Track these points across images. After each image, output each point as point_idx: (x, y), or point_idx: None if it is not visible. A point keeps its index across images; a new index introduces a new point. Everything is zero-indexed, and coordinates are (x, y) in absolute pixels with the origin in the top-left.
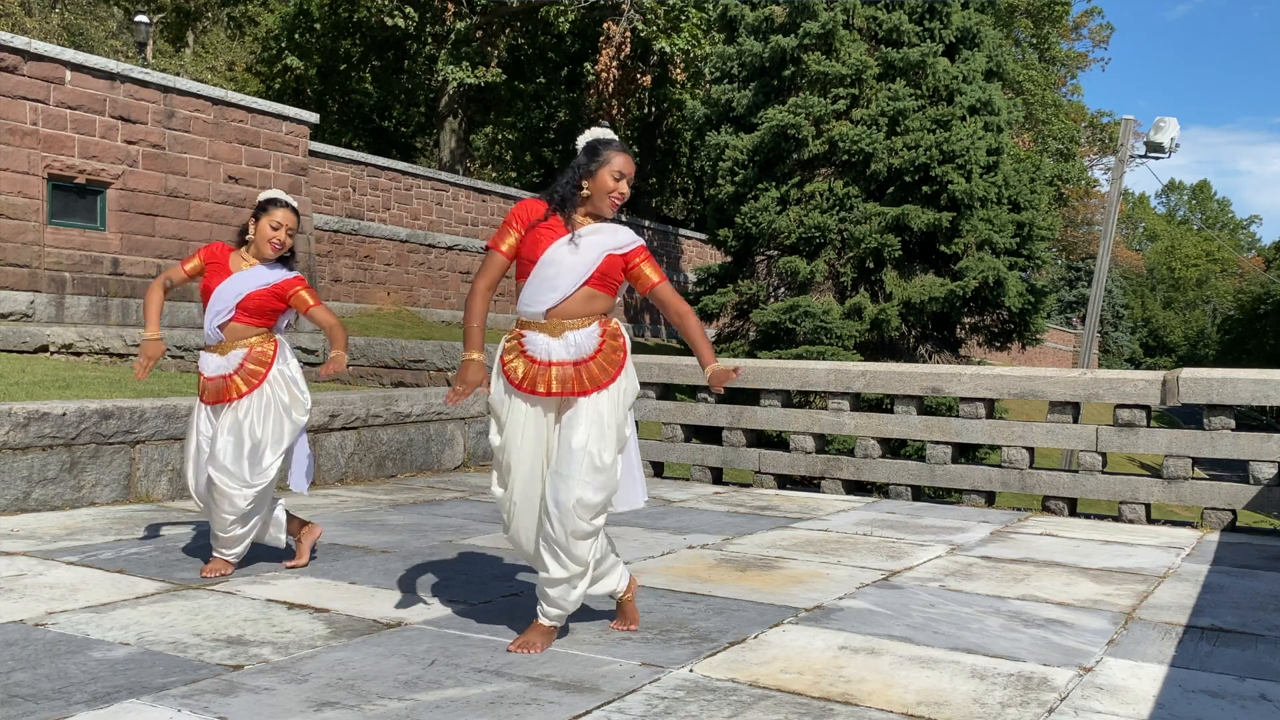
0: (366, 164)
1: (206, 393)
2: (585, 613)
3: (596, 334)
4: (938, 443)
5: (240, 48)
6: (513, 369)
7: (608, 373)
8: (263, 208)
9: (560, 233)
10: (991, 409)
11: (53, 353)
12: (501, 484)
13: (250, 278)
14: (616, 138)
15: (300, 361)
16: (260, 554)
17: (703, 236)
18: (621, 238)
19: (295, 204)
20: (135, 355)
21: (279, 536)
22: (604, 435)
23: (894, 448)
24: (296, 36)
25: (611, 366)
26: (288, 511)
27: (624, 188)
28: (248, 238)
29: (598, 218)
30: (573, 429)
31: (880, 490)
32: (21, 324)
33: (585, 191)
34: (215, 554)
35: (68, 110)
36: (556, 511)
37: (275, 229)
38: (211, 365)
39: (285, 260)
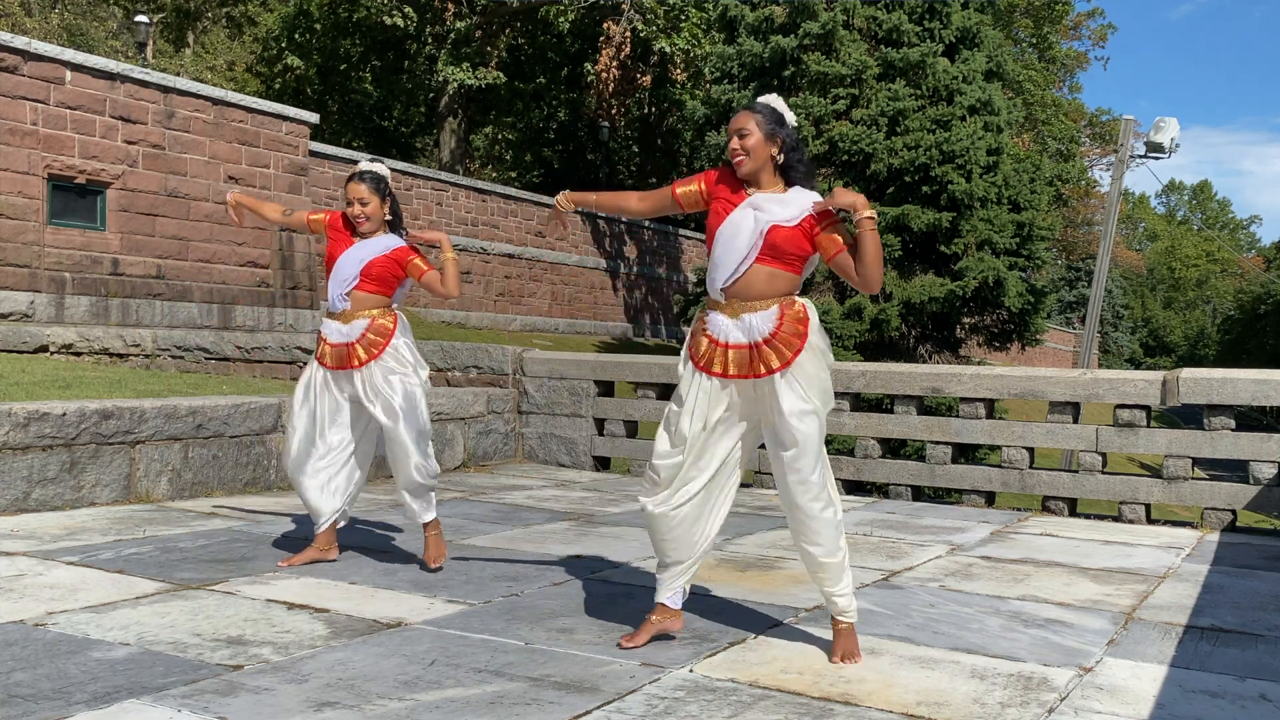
0: None
1: (328, 357)
2: (585, 612)
3: (775, 317)
4: (938, 443)
5: (240, 48)
6: (695, 345)
7: (784, 356)
8: (346, 184)
9: (740, 199)
10: (991, 409)
11: (53, 353)
12: (672, 450)
13: (371, 246)
14: (761, 98)
15: (301, 362)
16: (260, 554)
17: (703, 236)
18: (790, 209)
19: (373, 169)
20: (135, 355)
21: (323, 517)
22: (804, 411)
23: (894, 448)
24: (296, 36)
25: (789, 349)
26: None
27: (734, 143)
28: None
29: (778, 182)
30: (777, 422)
31: (880, 490)
32: (21, 324)
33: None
34: (423, 516)
35: (68, 110)
36: (801, 514)
37: (350, 205)
38: (334, 332)
39: (395, 225)
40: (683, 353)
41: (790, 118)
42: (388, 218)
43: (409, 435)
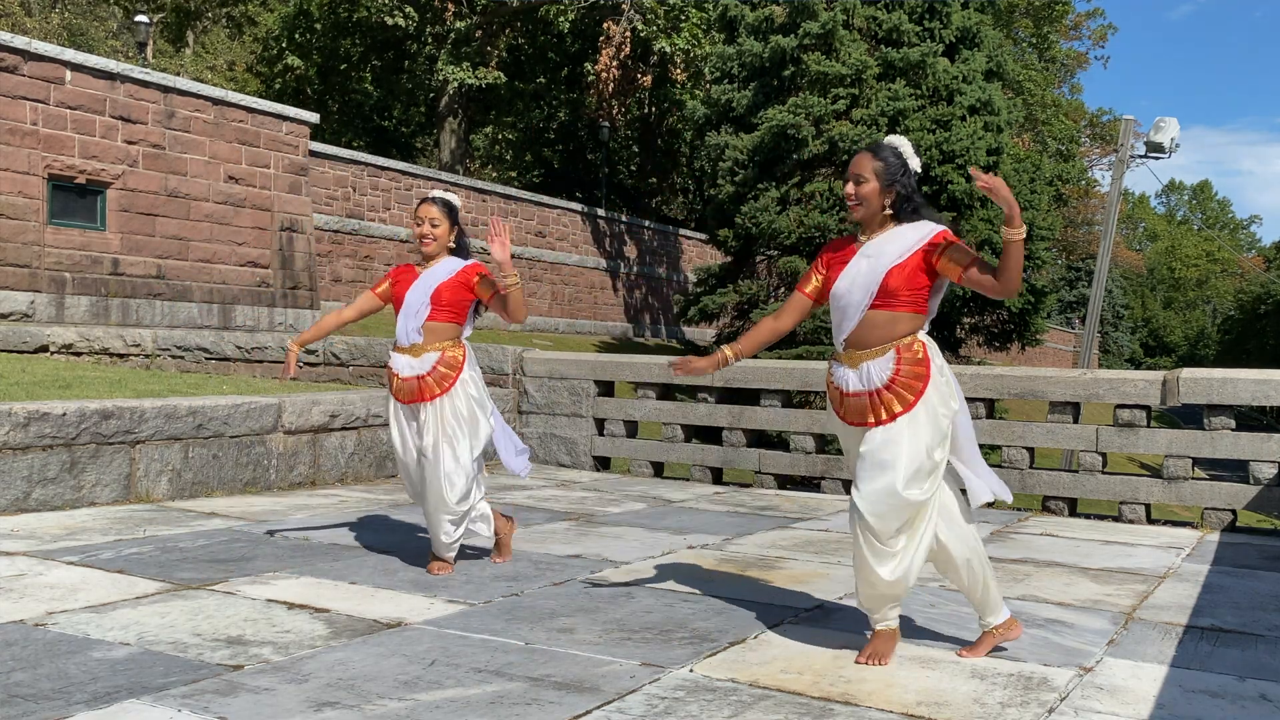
0: (366, 164)
1: (401, 392)
2: (585, 612)
3: (892, 363)
4: None
5: (240, 48)
6: (831, 395)
7: (905, 400)
8: (417, 207)
9: (852, 253)
10: (991, 409)
11: (53, 353)
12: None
13: (436, 272)
14: (888, 140)
15: (301, 362)
16: (260, 554)
17: (703, 236)
18: (901, 244)
19: (446, 196)
20: (135, 355)
21: (483, 530)
22: (908, 464)
23: None
24: (296, 36)
25: (909, 393)
26: (491, 508)
27: (849, 189)
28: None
29: (887, 224)
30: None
31: None
32: (21, 324)
33: None
34: (435, 555)
35: (68, 110)
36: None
37: (419, 225)
38: (404, 366)
39: (460, 252)
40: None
41: (915, 164)
42: (452, 245)
43: (454, 477)
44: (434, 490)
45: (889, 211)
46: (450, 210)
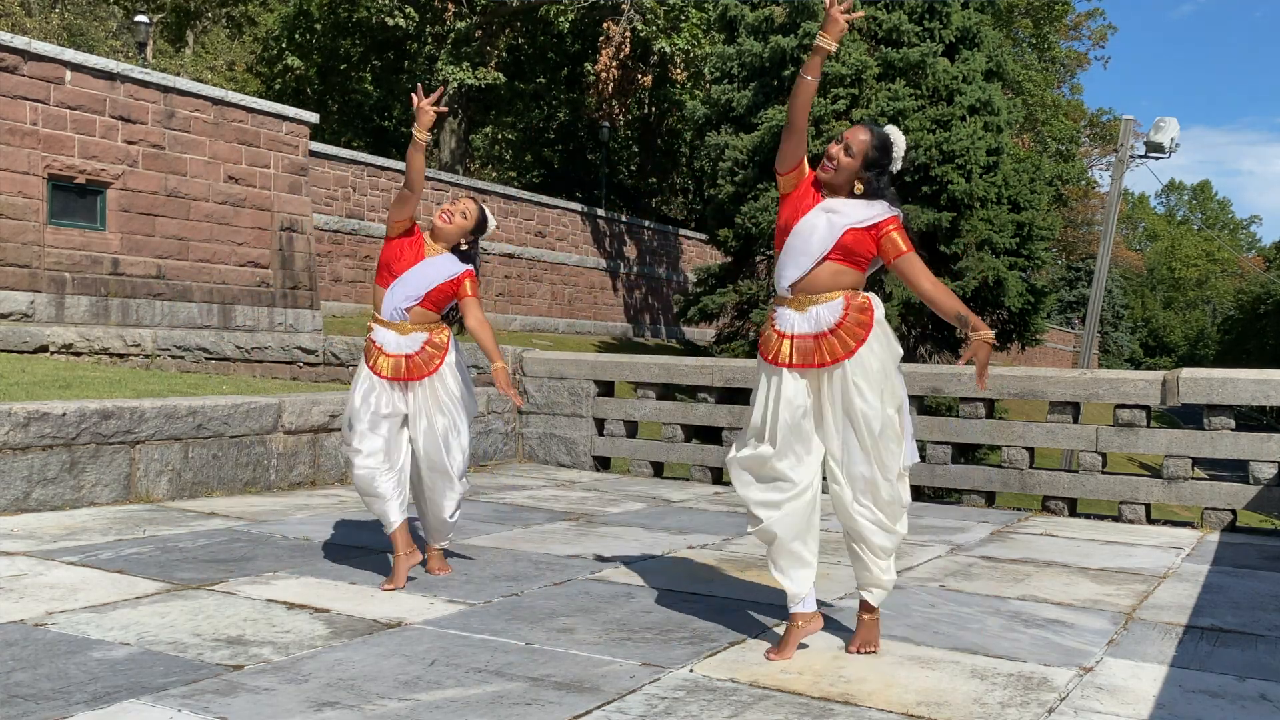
0: (366, 164)
1: (385, 368)
2: (585, 612)
3: (840, 308)
4: (938, 443)
5: (240, 48)
6: (764, 339)
7: (848, 345)
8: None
9: (816, 201)
10: (991, 409)
11: (53, 353)
12: (750, 442)
13: (439, 269)
14: (889, 127)
15: (301, 362)
16: (260, 554)
17: (703, 236)
18: (861, 212)
19: (489, 217)
20: (135, 355)
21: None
22: (874, 401)
23: None
24: (296, 36)
25: (853, 339)
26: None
27: (833, 148)
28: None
29: (850, 192)
30: (837, 403)
31: None
32: (21, 324)
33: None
34: (430, 545)
35: (68, 110)
36: (854, 488)
37: (453, 204)
38: (392, 342)
39: (468, 256)
40: (758, 356)
41: (897, 166)
42: (464, 245)
43: (455, 453)
44: (438, 465)
45: (856, 190)
46: (484, 217)
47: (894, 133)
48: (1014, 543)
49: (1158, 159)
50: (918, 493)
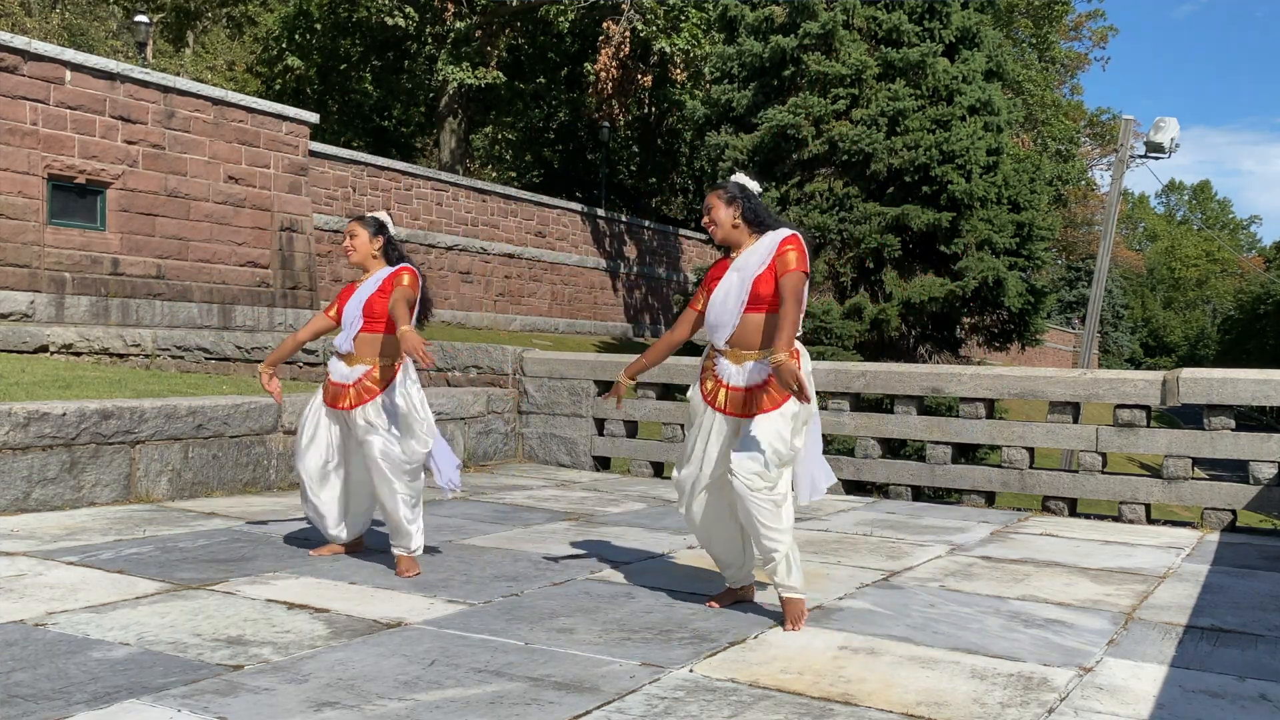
0: (366, 164)
1: (326, 393)
2: (585, 612)
3: (769, 365)
4: (938, 443)
5: (240, 48)
6: (703, 382)
7: (775, 400)
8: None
9: (725, 269)
10: (991, 409)
11: (53, 353)
12: (680, 468)
13: (367, 286)
14: (728, 181)
15: (301, 362)
16: (260, 554)
17: (703, 237)
18: (759, 255)
19: (379, 216)
20: (135, 355)
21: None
22: (786, 438)
23: (894, 448)
24: (296, 36)
25: (779, 395)
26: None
27: (705, 219)
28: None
29: (748, 238)
30: (744, 438)
31: (880, 490)
32: (21, 324)
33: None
34: (394, 547)
35: (68, 110)
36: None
37: (346, 242)
38: (337, 371)
39: (396, 259)
40: (694, 387)
41: (754, 186)
42: (376, 254)
43: (381, 485)
44: (380, 475)
45: (741, 226)
46: (366, 221)
47: (736, 177)
48: (1014, 543)
49: (1158, 159)
50: (919, 493)
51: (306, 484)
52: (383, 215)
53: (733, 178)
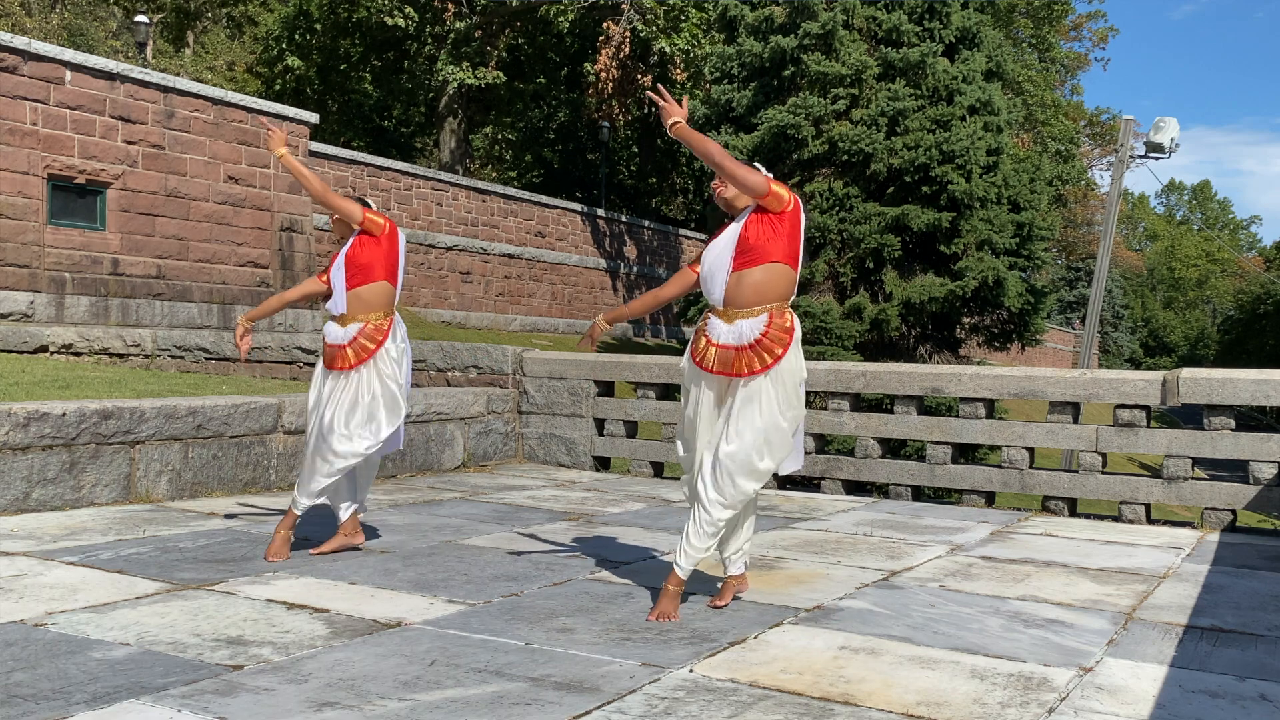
0: (366, 164)
1: (324, 357)
2: (585, 612)
3: (763, 323)
4: (938, 443)
5: (240, 48)
6: (695, 342)
7: (764, 360)
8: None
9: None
10: (991, 409)
11: (53, 353)
12: (680, 439)
13: (346, 244)
14: None
15: (301, 362)
16: (260, 554)
17: (703, 237)
18: (752, 205)
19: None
20: (135, 355)
21: (339, 510)
22: (767, 414)
23: (894, 448)
24: (296, 36)
25: (770, 356)
26: (352, 511)
27: (714, 183)
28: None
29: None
30: (741, 407)
31: (880, 490)
32: (21, 324)
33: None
34: (294, 504)
35: (68, 110)
36: (720, 467)
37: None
38: (332, 334)
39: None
40: (685, 354)
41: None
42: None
43: (335, 432)
44: (324, 442)
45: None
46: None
47: None
48: (1014, 543)
49: (1158, 159)
50: (919, 493)
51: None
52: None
53: None
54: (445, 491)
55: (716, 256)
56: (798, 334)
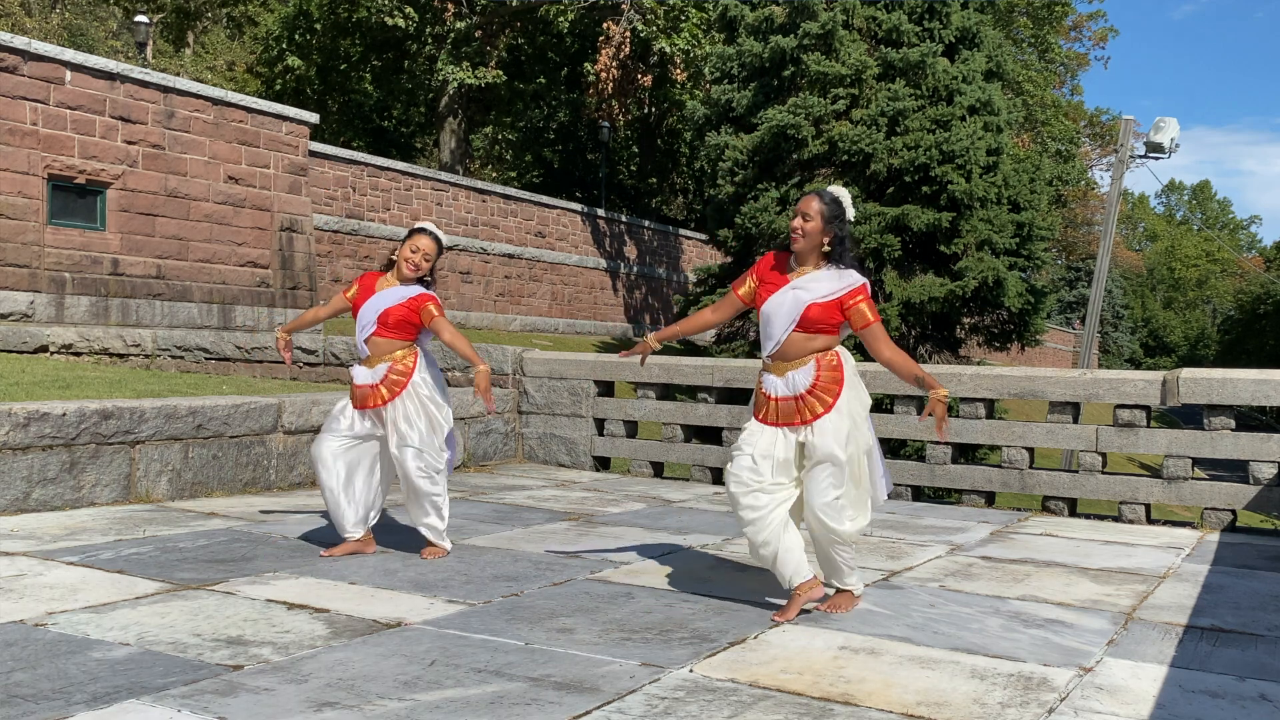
0: (366, 164)
1: (355, 399)
2: (585, 612)
3: (812, 372)
4: (938, 443)
5: (240, 48)
6: (756, 399)
7: (825, 403)
8: (410, 234)
9: (784, 282)
10: (991, 409)
11: (53, 353)
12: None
13: (389, 295)
14: (831, 189)
15: (302, 362)
16: (260, 554)
17: (703, 237)
18: (826, 286)
19: (441, 236)
20: (135, 355)
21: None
22: (840, 448)
23: (894, 448)
24: (296, 36)
25: (830, 396)
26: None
27: (796, 222)
28: (393, 257)
29: (822, 262)
30: (814, 451)
31: None
32: (21, 324)
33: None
34: (424, 530)
35: (68, 110)
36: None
37: (414, 253)
38: (360, 376)
39: (424, 282)
40: (748, 413)
41: (850, 213)
42: (427, 277)
43: (425, 455)
44: (408, 476)
45: (825, 249)
46: (439, 247)
47: (839, 191)
48: (1014, 543)
49: (1158, 159)
50: (918, 493)
51: (331, 483)
52: (443, 236)
53: (838, 195)
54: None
55: (771, 317)
56: (849, 369)
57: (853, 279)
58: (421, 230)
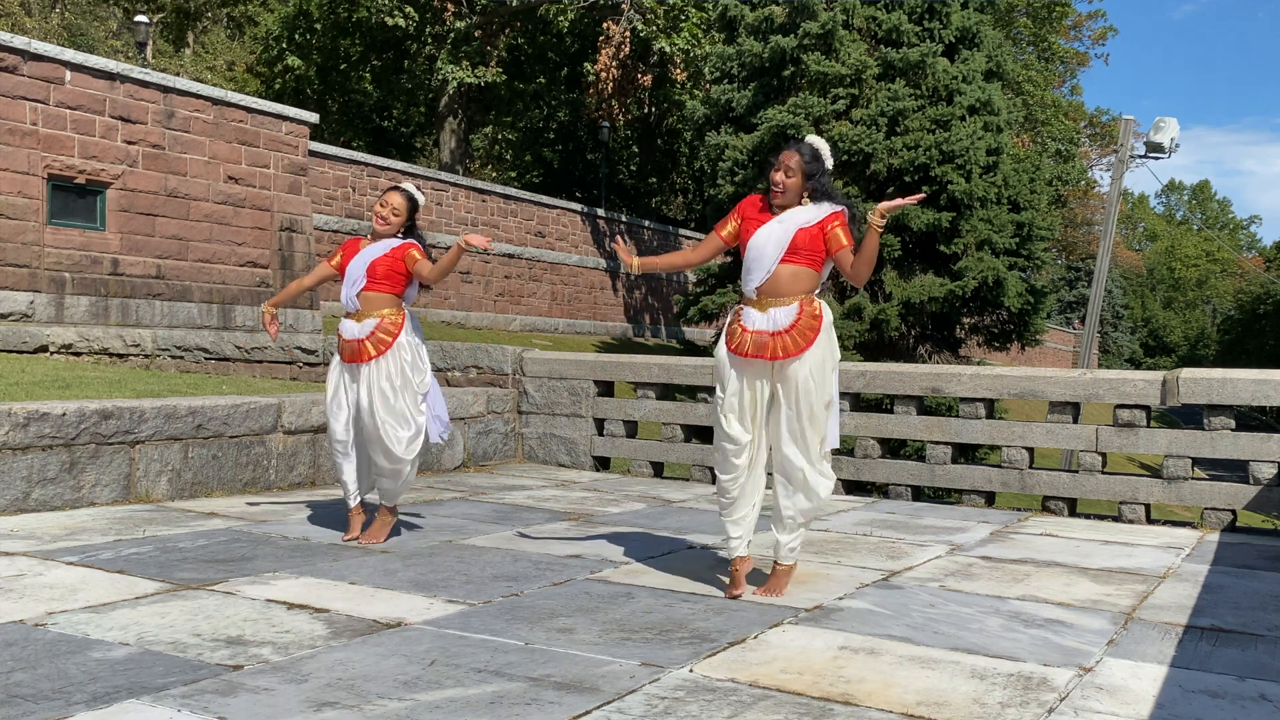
0: (366, 164)
1: (344, 352)
2: (585, 612)
3: (794, 311)
4: (938, 443)
5: (240, 48)
6: (730, 332)
7: (798, 344)
8: (383, 194)
9: (770, 219)
10: (991, 409)
11: (53, 353)
12: (725, 437)
13: (374, 249)
14: (802, 139)
15: (301, 362)
16: (260, 554)
17: (702, 237)
18: (810, 215)
19: (416, 194)
20: (134, 355)
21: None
22: (807, 396)
23: (894, 448)
24: (296, 36)
25: (803, 340)
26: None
27: (776, 176)
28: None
29: (800, 203)
30: (784, 394)
31: (880, 490)
32: (21, 324)
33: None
34: (358, 505)
35: (68, 110)
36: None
37: (383, 207)
38: (349, 330)
39: (409, 232)
40: (720, 343)
41: (829, 162)
42: (399, 232)
43: (392, 426)
44: (378, 442)
45: (805, 200)
46: (412, 204)
47: (817, 140)
48: (1014, 543)
49: (1158, 159)
50: (918, 493)
51: (337, 448)
52: (420, 195)
53: (815, 143)
54: (445, 491)
55: (763, 247)
56: (827, 320)
57: (833, 206)
58: (394, 187)
